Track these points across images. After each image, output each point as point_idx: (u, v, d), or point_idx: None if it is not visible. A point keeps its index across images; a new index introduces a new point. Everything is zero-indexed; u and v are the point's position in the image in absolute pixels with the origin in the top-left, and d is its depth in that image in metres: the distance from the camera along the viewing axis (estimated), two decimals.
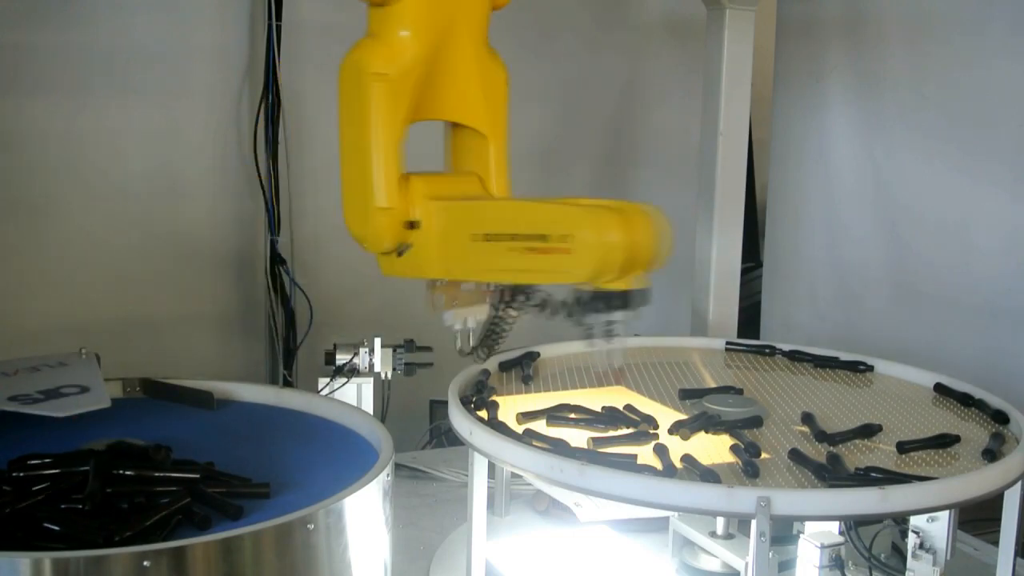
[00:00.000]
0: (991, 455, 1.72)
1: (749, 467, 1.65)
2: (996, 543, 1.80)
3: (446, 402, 1.92)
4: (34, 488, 1.44)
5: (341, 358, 2.31)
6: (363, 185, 1.80)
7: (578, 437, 1.78)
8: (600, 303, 1.73)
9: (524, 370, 2.18)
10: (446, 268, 1.84)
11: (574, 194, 3.44)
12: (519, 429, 1.80)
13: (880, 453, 1.77)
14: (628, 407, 1.92)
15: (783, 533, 1.81)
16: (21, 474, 1.49)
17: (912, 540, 1.72)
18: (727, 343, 2.47)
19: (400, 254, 1.85)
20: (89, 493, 1.41)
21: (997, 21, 2.70)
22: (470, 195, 1.91)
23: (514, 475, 2.21)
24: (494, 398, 1.96)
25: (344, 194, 1.84)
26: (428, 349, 2.39)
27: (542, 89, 3.34)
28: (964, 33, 2.79)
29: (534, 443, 1.72)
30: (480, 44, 1.93)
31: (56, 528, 1.34)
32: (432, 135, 2.01)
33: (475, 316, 1.97)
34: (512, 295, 1.91)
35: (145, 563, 1.25)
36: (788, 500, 1.52)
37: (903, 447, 1.76)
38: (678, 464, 1.66)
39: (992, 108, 2.73)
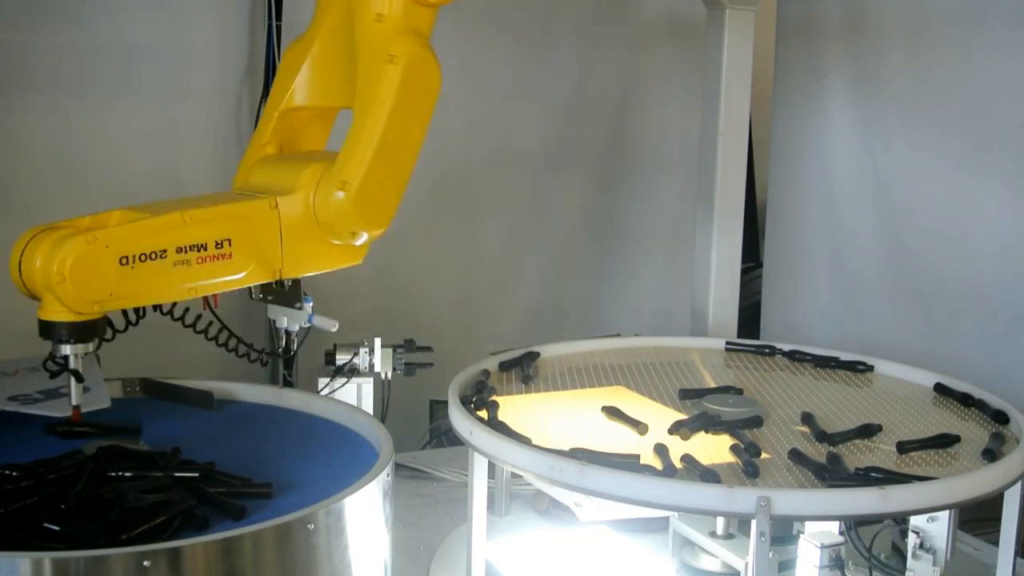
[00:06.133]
0: (991, 455, 1.72)
1: (749, 467, 1.65)
2: (996, 543, 1.80)
3: (446, 402, 1.92)
4: (30, 489, 1.45)
5: (341, 358, 2.31)
6: (403, 179, 1.83)
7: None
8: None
9: (524, 370, 2.18)
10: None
11: (574, 195, 3.48)
12: (525, 429, 1.80)
13: (880, 453, 1.77)
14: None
15: (783, 533, 1.81)
16: (16, 474, 1.49)
17: (912, 540, 1.72)
18: (727, 343, 2.47)
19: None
20: (76, 492, 1.41)
21: (997, 19, 2.70)
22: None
23: (514, 475, 2.21)
24: (494, 398, 1.96)
25: (374, 186, 1.79)
26: (428, 349, 2.39)
27: (542, 89, 3.34)
28: (964, 32, 2.79)
29: (534, 443, 1.72)
30: None
31: (56, 528, 1.34)
32: None
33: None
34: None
35: (145, 563, 1.25)
36: (788, 500, 1.52)
37: (903, 447, 1.76)
38: (678, 464, 1.66)
39: (992, 107, 2.73)
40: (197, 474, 1.52)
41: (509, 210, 3.38)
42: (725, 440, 1.80)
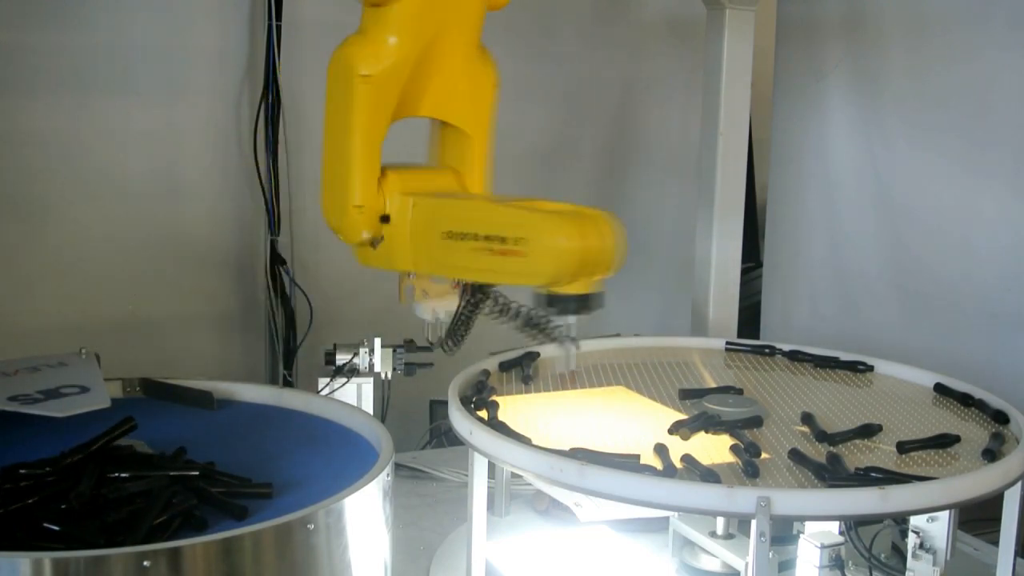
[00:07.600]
0: (991, 455, 1.72)
1: (749, 467, 1.65)
2: (996, 543, 1.80)
3: (446, 402, 1.92)
4: (30, 489, 1.45)
5: (341, 358, 2.31)
6: (342, 181, 1.85)
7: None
8: (555, 307, 1.80)
9: (524, 370, 2.18)
10: (415, 262, 1.90)
11: (573, 196, 3.46)
12: (525, 429, 1.80)
13: (880, 453, 1.77)
14: None
15: (783, 533, 1.81)
16: (15, 475, 1.48)
17: (912, 540, 1.72)
18: (727, 343, 2.47)
19: (374, 246, 1.89)
20: (77, 493, 1.41)
21: (997, 19, 2.70)
22: (443, 191, 1.95)
23: (514, 475, 2.21)
24: (494, 398, 1.96)
25: (323, 186, 1.89)
26: (428, 349, 2.38)
27: (542, 89, 3.34)
28: (964, 32, 2.79)
29: (534, 443, 1.72)
30: (471, 45, 1.96)
31: (56, 528, 1.34)
32: (421, 127, 2.05)
33: (444, 308, 2.02)
34: (474, 294, 1.96)
35: (145, 563, 1.25)
36: (788, 500, 1.52)
37: (903, 447, 1.76)
38: (678, 464, 1.66)
39: (992, 107, 2.73)
40: (197, 474, 1.52)
41: None
42: (725, 440, 1.80)
